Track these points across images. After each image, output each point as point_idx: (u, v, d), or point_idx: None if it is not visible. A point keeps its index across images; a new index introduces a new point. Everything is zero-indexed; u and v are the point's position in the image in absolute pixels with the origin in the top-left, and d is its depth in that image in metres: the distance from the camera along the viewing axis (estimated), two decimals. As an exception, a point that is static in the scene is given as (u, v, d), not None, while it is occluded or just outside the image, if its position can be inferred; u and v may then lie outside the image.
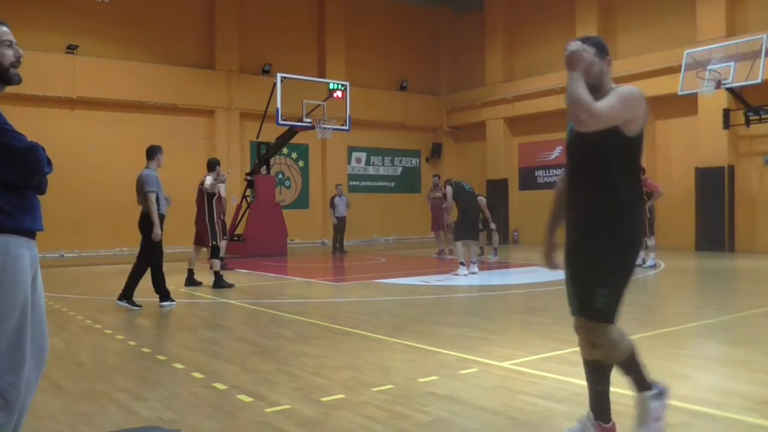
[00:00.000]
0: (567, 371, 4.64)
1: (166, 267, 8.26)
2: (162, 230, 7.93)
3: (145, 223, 7.94)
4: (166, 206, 8.22)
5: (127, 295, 7.99)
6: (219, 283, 10.02)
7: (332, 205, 17.91)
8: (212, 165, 10.61)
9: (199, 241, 10.36)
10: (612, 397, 3.99)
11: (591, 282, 3.06)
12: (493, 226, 14.44)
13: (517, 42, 21.96)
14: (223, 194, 13.15)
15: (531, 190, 21.48)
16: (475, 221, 12.20)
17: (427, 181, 23.71)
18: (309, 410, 3.85)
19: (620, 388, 4.19)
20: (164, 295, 8.12)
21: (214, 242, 10.07)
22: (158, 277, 8.08)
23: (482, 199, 13.75)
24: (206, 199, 10.19)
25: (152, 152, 8.24)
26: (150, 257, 8.04)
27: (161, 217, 7.99)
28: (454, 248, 11.85)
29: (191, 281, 10.36)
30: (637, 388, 3.19)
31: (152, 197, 7.83)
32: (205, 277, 10.41)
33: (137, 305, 7.98)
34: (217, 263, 10.12)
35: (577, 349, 3.25)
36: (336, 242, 17.85)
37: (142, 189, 7.93)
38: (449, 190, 11.63)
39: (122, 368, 5.01)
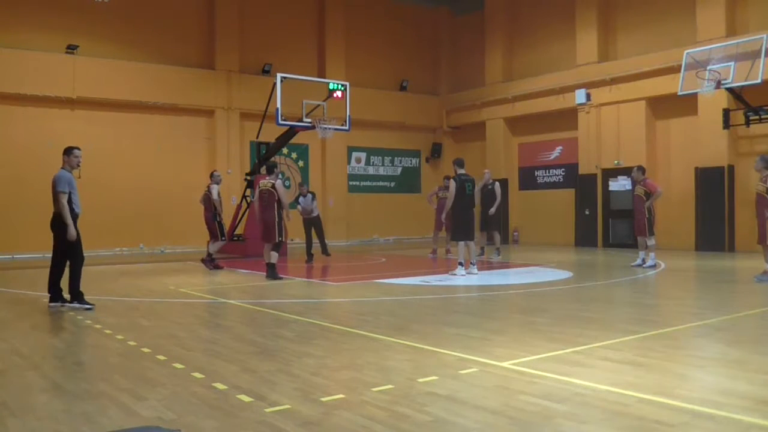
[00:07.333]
0: (567, 371, 4.64)
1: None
2: (77, 229, 7.87)
3: (58, 223, 7.87)
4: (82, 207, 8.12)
5: (74, 295, 7.98)
6: (272, 274, 10.99)
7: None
8: (272, 168, 11.56)
9: (267, 237, 11.24)
10: (611, 397, 4.00)
11: None
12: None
13: (516, 42, 21.97)
14: (214, 196, 13.16)
15: (531, 190, 21.48)
16: (473, 221, 12.15)
17: (427, 182, 23.74)
18: (309, 410, 3.85)
19: (619, 387, 4.20)
20: (78, 296, 8.00)
21: (280, 239, 11.20)
22: (76, 277, 8.02)
23: (497, 185, 15.02)
24: (277, 199, 11.15)
25: (66, 153, 8.09)
26: (73, 257, 7.98)
27: (75, 217, 7.92)
28: (458, 247, 11.78)
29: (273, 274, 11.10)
30: None
31: (63, 198, 7.78)
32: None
33: (90, 304, 7.99)
34: (275, 255, 11.17)
35: (577, 348, 3.25)
36: (308, 246, 15.13)
37: (53, 190, 7.87)
38: (452, 184, 11.45)
39: (122, 368, 5.00)
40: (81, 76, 17.28)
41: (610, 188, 18.69)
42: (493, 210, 14.74)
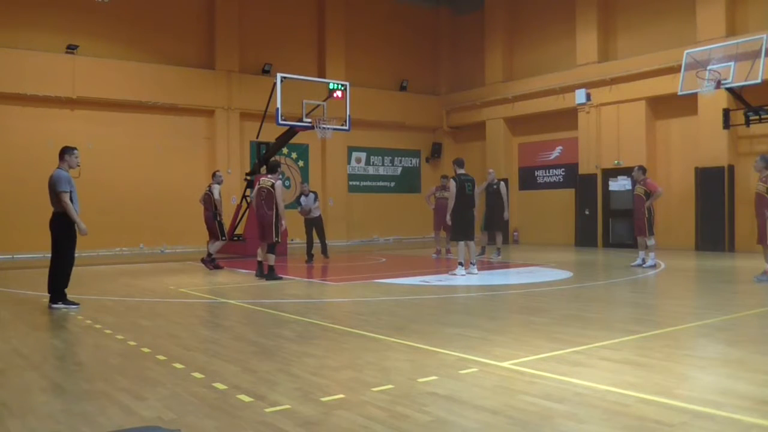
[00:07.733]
0: (567, 371, 4.64)
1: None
2: (74, 231, 7.94)
3: (57, 223, 7.94)
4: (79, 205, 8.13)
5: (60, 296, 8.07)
6: (272, 275, 10.92)
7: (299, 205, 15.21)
8: (275, 167, 11.43)
9: (263, 236, 11.10)
10: (611, 397, 4.00)
11: None
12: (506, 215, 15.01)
13: (517, 42, 21.97)
14: (216, 196, 13.19)
15: (531, 190, 21.48)
16: (472, 221, 12.14)
17: (426, 182, 23.72)
18: (309, 410, 3.85)
19: (619, 387, 4.20)
20: (62, 296, 8.11)
21: (277, 239, 11.00)
22: (66, 277, 8.11)
23: (502, 185, 15.02)
24: (275, 199, 10.97)
25: (63, 153, 8.15)
26: (69, 256, 8.06)
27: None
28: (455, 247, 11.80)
29: (263, 273, 11.12)
30: None
31: (65, 197, 7.82)
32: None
33: (74, 303, 8.06)
34: (272, 258, 11.01)
35: (577, 348, 3.25)
36: (309, 246, 14.92)
37: (54, 190, 7.90)
38: (452, 183, 11.47)
39: (122, 368, 5.00)
40: (81, 76, 17.28)
41: (610, 188, 18.69)
42: (507, 215, 14.89)
